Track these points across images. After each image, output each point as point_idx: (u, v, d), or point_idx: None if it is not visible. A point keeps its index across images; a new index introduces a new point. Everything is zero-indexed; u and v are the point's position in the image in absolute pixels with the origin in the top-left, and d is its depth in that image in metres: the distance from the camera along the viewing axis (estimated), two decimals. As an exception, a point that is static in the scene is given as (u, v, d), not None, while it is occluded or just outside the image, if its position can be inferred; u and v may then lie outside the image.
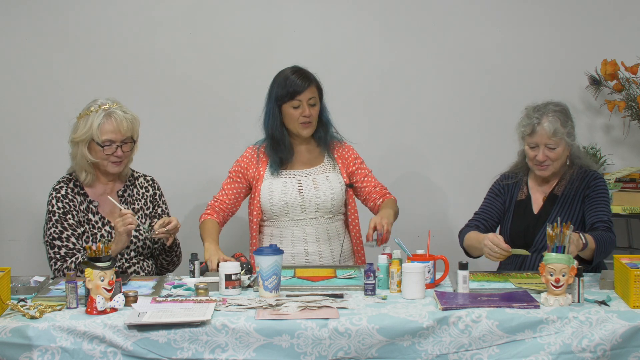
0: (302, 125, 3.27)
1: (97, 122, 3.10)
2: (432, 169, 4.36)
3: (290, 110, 3.26)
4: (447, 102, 4.31)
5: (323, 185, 3.30)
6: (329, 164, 3.37)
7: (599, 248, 2.87)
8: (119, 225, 3.00)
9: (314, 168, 3.34)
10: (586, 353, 2.43)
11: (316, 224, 3.30)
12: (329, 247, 3.32)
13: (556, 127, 3.06)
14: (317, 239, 3.30)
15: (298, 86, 3.23)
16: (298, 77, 3.25)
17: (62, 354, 2.41)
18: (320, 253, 3.30)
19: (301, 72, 3.28)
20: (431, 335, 2.46)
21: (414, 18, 4.26)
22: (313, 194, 3.28)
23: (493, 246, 2.86)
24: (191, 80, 4.25)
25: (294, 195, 3.27)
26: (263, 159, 3.34)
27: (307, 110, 3.24)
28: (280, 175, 3.31)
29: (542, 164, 3.11)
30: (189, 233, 4.17)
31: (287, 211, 3.28)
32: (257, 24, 4.25)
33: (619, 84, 4.12)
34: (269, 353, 2.42)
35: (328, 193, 3.30)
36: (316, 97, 3.28)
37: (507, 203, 3.24)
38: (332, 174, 3.34)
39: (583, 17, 4.25)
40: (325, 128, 3.36)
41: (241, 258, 2.98)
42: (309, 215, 3.30)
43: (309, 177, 3.32)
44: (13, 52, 4.19)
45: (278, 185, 3.29)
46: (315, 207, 3.29)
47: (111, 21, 4.20)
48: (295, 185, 3.29)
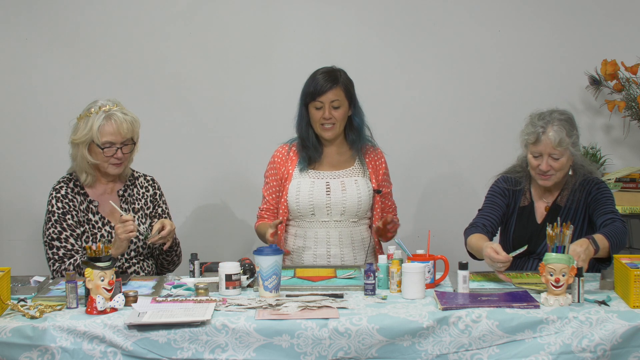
0: (322, 128, 3.22)
1: (97, 124, 3.09)
2: (432, 169, 4.36)
3: (313, 110, 3.21)
4: (447, 102, 4.31)
5: (351, 189, 3.26)
6: (359, 168, 3.32)
7: (613, 242, 2.82)
8: (119, 231, 3.00)
9: (344, 171, 3.30)
10: (586, 353, 2.43)
11: (340, 227, 3.27)
12: (352, 250, 3.28)
13: (562, 137, 2.98)
14: (341, 242, 3.28)
15: (320, 87, 3.18)
16: (323, 78, 3.19)
17: (62, 354, 2.41)
18: (343, 256, 3.27)
19: (330, 73, 3.21)
20: (431, 335, 2.46)
21: (414, 18, 4.27)
22: (340, 196, 3.24)
23: (494, 264, 2.79)
24: (192, 80, 4.25)
25: (320, 197, 3.24)
26: (293, 157, 3.30)
27: (327, 113, 3.19)
28: (309, 175, 3.27)
29: (545, 174, 3.04)
30: (190, 233, 4.18)
31: (312, 212, 3.25)
32: (257, 24, 4.25)
33: (619, 84, 4.12)
34: (269, 353, 2.42)
35: (355, 197, 3.25)
36: (342, 99, 3.20)
37: (511, 207, 3.19)
38: (361, 179, 3.29)
39: (583, 17, 4.25)
40: (356, 132, 3.29)
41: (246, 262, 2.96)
42: (334, 218, 3.26)
43: (337, 179, 3.28)
44: (13, 52, 4.19)
45: (306, 185, 3.25)
46: (342, 209, 3.25)
47: (111, 21, 4.20)
48: (323, 187, 3.26)
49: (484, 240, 2.96)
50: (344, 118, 3.24)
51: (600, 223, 2.99)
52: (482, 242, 2.92)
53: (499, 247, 2.80)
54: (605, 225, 2.95)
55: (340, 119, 3.23)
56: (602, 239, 2.80)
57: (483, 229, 3.07)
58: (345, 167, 3.31)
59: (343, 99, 3.21)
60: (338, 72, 3.24)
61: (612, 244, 2.82)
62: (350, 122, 3.28)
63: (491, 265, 2.81)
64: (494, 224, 3.13)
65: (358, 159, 3.33)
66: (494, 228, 3.14)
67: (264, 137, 3.50)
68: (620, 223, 2.94)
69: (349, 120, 3.28)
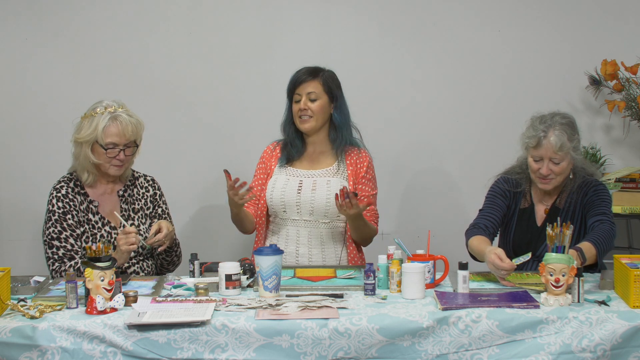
0: (300, 120, 3.25)
1: (102, 124, 3.09)
2: (432, 169, 4.36)
3: (294, 105, 3.25)
4: (446, 102, 4.31)
5: (321, 189, 3.26)
6: (336, 168, 3.31)
7: (600, 250, 2.84)
8: (121, 242, 2.99)
9: (321, 170, 3.31)
10: (586, 353, 2.43)
11: (310, 227, 3.28)
12: (321, 251, 3.28)
13: (563, 141, 2.96)
14: (310, 241, 3.28)
15: (298, 79, 3.22)
16: (304, 71, 3.25)
17: (62, 354, 2.41)
18: (311, 257, 3.27)
19: (312, 68, 3.27)
20: (431, 335, 2.46)
21: (414, 18, 4.27)
22: (309, 195, 3.25)
23: (497, 271, 2.78)
24: (193, 81, 4.26)
25: (291, 194, 3.26)
26: (277, 154, 3.35)
27: (303, 104, 3.22)
28: (286, 173, 3.30)
29: (546, 178, 3.03)
30: (190, 233, 4.19)
31: (284, 209, 3.27)
32: (257, 24, 4.25)
33: (619, 84, 4.12)
34: (269, 353, 2.42)
35: (324, 197, 3.24)
36: (319, 92, 3.23)
37: (511, 209, 3.18)
38: (334, 179, 3.28)
39: (583, 17, 4.25)
40: (336, 130, 3.30)
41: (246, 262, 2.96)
42: (304, 217, 3.27)
43: (311, 178, 3.29)
44: (13, 52, 4.19)
45: (280, 182, 3.28)
46: (310, 209, 3.26)
47: (111, 21, 4.20)
48: (295, 185, 3.28)
49: (485, 243, 2.95)
50: (322, 112, 3.25)
51: (590, 225, 3.00)
52: (484, 245, 2.92)
53: (503, 253, 2.77)
54: (594, 228, 2.96)
55: (318, 112, 3.24)
56: (589, 248, 2.80)
57: (485, 230, 3.06)
58: (324, 166, 3.32)
59: (321, 92, 3.23)
60: (322, 69, 3.28)
61: (600, 250, 2.84)
62: (331, 120, 3.30)
63: (494, 271, 2.81)
64: (494, 225, 3.12)
65: (338, 159, 3.33)
66: (494, 229, 3.13)
67: (264, 137, 3.50)
68: (608, 225, 2.94)
69: (330, 118, 3.30)
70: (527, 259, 2.82)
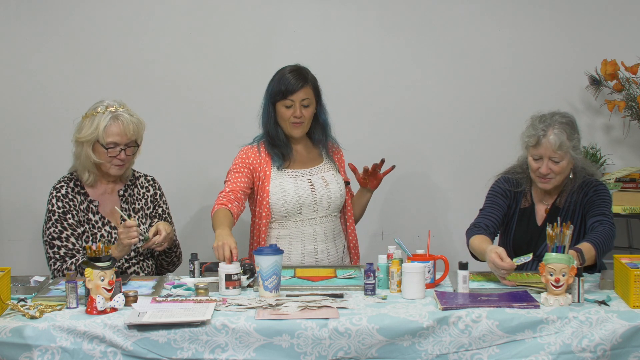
0: (293, 126, 3.24)
1: (103, 124, 3.09)
2: (432, 169, 4.36)
3: (283, 109, 3.23)
4: (447, 102, 4.31)
5: (332, 183, 3.31)
6: (329, 163, 3.37)
7: (599, 250, 2.84)
8: (122, 236, 2.99)
9: (318, 167, 3.33)
10: (586, 353, 2.43)
11: (325, 222, 3.30)
12: (334, 245, 3.33)
13: (562, 140, 2.96)
14: (326, 237, 3.30)
15: (291, 86, 3.20)
16: (293, 77, 3.22)
17: (62, 354, 2.41)
18: (329, 251, 3.30)
19: (299, 71, 3.24)
20: (431, 335, 2.46)
21: (414, 18, 4.27)
22: (325, 192, 3.28)
23: (497, 270, 2.78)
24: (193, 81, 4.25)
25: (306, 194, 3.26)
26: (266, 158, 3.29)
27: (299, 111, 3.21)
28: (288, 175, 3.28)
29: (545, 177, 3.03)
30: (190, 233, 4.19)
31: (299, 210, 3.26)
32: (257, 24, 4.25)
33: (619, 84, 4.12)
34: (269, 353, 2.43)
35: (338, 190, 3.31)
36: (311, 98, 3.24)
37: (512, 208, 3.18)
38: (336, 173, 3.36)
39: (583, 17, 4.25)
40: (322, 129, 3.34)
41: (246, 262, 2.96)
42: (320, 214, 3.29)
43: (317, 175, 3.31)
44: (13, 52, 4.19)
45: (289, 185, 3.26)
46: (327, 205, 3.28)
47: (111, 22, 4.20)
48: (306, 184, 3.27)
49: (487, 242, 2.95)
50: (311, 116, 3.28)
51: (590, 225, 3.00)
52: (485, 244, 2.92)
53: (504, 253, 2.77)
54: (593, 228, 2.96)
55: (309, 117, 3.27)
56: (589, 249, 2.80)
57: (485, 229, 3.06)
58: (316, 164, 3.34)
59: (312, 97, 3.25)
60: (305, 70, 3.28)
61: (599, 251, 2.84)
62: (316, 119, 3.31)
63: (494, 270, 2.81)
64: (495, 224, 3.12)
65: (325, 155, 3.37)
66: (495, 228, 3.13)
67: (264, 137, 3.51)
68: (608, 225, 2.94)
69: (315, 118, 3.31)
70: (527, 259, 2.81)
